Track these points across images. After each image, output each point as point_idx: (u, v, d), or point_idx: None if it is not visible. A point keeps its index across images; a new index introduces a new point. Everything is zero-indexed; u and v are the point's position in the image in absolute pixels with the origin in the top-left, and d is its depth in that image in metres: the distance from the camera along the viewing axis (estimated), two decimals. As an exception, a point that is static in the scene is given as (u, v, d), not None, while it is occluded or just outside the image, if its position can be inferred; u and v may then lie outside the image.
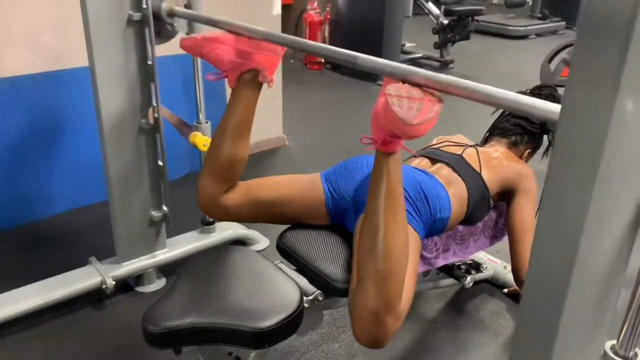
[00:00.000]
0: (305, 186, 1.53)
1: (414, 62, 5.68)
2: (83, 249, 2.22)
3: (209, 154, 1.50)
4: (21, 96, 2.37)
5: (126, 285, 2.12)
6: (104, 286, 1.96)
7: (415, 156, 1.74)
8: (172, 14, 1.78)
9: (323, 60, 5.39)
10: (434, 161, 1.67)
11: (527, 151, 1.89)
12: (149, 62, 1.83)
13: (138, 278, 2.12)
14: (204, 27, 1.77)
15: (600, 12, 0.55)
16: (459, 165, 1.63)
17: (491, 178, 1.66)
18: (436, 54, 5.59)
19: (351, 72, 5.16)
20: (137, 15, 1.76)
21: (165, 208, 2.05)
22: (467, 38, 5.49)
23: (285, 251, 1.55)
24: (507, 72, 5.38)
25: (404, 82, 1.10)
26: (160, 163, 1.98)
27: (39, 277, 1.98)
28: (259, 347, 1.27)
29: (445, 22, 5.40)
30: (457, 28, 5.39)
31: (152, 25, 1.77)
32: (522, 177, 1.71)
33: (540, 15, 7.67)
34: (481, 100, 1.01)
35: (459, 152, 1.70)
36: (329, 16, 5.34)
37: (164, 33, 1.86)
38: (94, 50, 1.74)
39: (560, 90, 3.37)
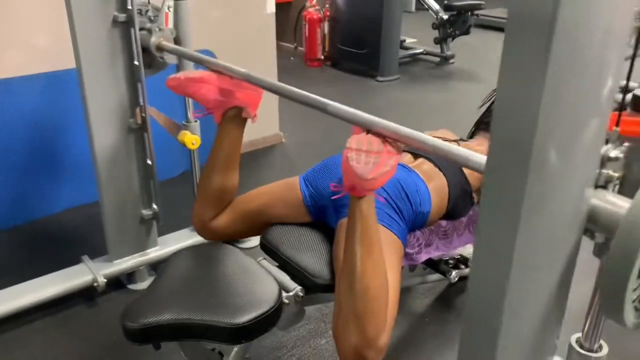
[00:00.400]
0: (283, 189, 1.60)
1: (414, 57, 5.68)
2: (80, 247, 2.26)
3: (200, 185, 1.61)
4: (17, 97, 2.40)
5: (119, 282, 2.15)
6: (95, 284, 1.99)
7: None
8: (160, 48, 1.85)
9: (323, 57, 5.41)
10: (416, 156, 1.68)
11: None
12: (136, 63, 1.85)
13: (130, 275, 2.15)
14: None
15: (524, 11, 0.56)
16: (440, 160, 1.64)
17: (473, 173, 1.66)
18: (437, 49, 5.58)
19: (351, 69, 5.17)
20: (122, 17, 1.78)
21: (155, 206, 2.07)
22: (467, 33, 5.47)
23: (268, 248, 1.57)
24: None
25: (368, 131, 1.17)
26: (149, 162, 2.00)
27: (35, 276, 2.01)
28: (236, 342, 1.29)
29: (445, 17, 5.38)
30: (456, 23, 5.37)
31: (137, 26, 1.79)
32: (505, 171, 1.71)
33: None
34: (435, 153, 1.10)
35: (441, 148, 1.70)
36: (328, 13, 5.34)
37: (154, 64, 1.94)
38: (80, 51, 1.77)
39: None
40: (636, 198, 0.73)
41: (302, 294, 1.45)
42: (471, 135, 1.96)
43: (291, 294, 1.44)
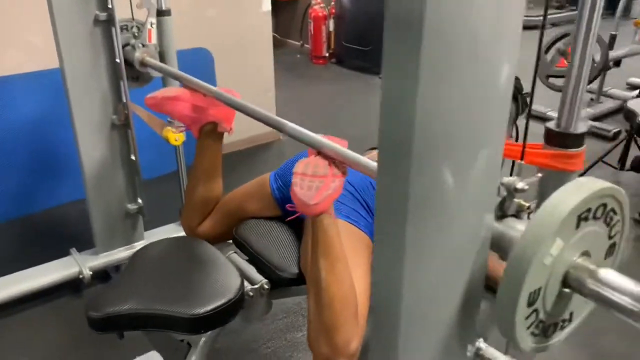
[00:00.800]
0: (254, 186, 1.65)
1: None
2: (72, 241, 2.31)
3: (186, 195, 1.69)
4: (14, 94, 2.48)
5: (106, 275, 2.20)
6: (80, 276, 2.05)
7: (372, 149, 1.77)
8: (144, 64, 1.91)
9: (328, 55, 5.42)
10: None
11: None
12: (117, 61, 1.89)
13: (117, 268, 2.20)
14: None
15: (397, 12, 0.57)
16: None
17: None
18: (443, 46, 5.55)
19: (355, 66, 5.18)
20: (103, 15, 1.83)
21: (140, 201, 2.12)
22: (474, 29, 5.43)
23: (238, 242, 1.60)
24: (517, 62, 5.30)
25: (318, 152, 1.21)
26: (133, 158, 2.05)
27: (26, 268, 2.07)
28: (196, 332, 1.32)
29: (451, 13, 5.35)
30: (463, 19, 5.34)
31: (118, 25, 1.83)
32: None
33: (557, 4, 7.52)
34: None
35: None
36: (333, 11, 5.35)
37: (141, 78, 2.01)
38: (62, 49, 1.82)
39: (555, 81, 3.26)
40: (528, 225, 0.70)
41: (267, 287, 1.48)
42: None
43: (256, 286, 1.47)
